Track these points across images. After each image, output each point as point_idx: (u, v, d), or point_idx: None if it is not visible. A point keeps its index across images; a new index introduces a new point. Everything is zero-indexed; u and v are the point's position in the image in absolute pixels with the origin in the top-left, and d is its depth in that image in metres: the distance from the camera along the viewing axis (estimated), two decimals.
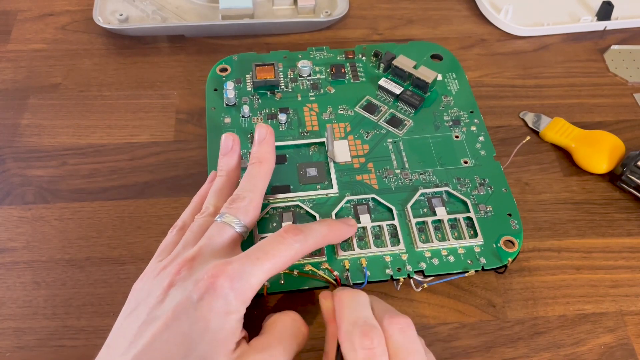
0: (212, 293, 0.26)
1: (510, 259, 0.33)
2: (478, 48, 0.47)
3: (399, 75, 0.42)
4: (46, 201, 0.37)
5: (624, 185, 0.38)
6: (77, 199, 0.37)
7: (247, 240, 0.33)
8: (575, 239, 0.36)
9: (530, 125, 0.42)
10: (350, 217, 0.35)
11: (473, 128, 0.40)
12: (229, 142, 0.34)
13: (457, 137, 0.39)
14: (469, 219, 0.35)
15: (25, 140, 0.40)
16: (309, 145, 0.39)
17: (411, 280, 0.33)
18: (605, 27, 0.49)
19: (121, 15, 0.47)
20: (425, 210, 0.35)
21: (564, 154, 0.41)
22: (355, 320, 0.26)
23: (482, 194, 0.36)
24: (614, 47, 0.48)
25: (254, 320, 0.30)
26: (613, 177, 0.39)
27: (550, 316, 0.33)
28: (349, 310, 0.27)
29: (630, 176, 0.37)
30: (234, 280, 0.26)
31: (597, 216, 0.38)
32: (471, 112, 0.41)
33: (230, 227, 0.30)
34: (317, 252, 0.33)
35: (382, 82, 0.41)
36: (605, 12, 0.48)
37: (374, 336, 0.26)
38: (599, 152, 0.39)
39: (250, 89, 0.41)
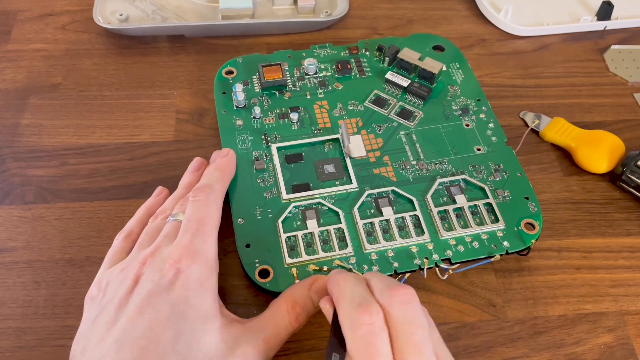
0: (181, 275, 0.28)
1: (533, 241, 0.34)
2: (478, 48, 0.47)
3: (404, 67, 0.42)
4: (46, 201, 0.37)
5: (624, 185, 0.38)
6: (77, 199, 0.37)
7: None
8: (575, 239, 0.36)
9: (531, 125, 0.42)
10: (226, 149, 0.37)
11: (482, 116, 0.40)
12: (198, 163, 0.37)
13: (467, 125, 0.40)
14: (489, 204, 0.35)
15: (25, 140, 0.40)
16: (323, 142, 0.39)
17: (437, 268, 0.33)
18: (605, 27, 0.49)
19: (121, 15, 0.47)
20: (445, 199, 0.36)
21: (564, 154, 0.41)
22: (352, 299, 0.26)
23: (498, 179, 0.37)
24: (614, 47, 0.48)
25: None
26: (613, 177, 0.39)
27: (550, 316, 0.33)
28: (346, 290, 0.26)
29: (630, 176, 0.37)
30: (194, 256, 0.28)
31: (597, 216, 0.38)
32: (478, 100, 0.41)
33: (181, 223, 0.31)
34: (345, 247, 0.33)
35: (389, 75, 0.42)
36: (605, 12, 0.48)
37: (372, 311, 0.25)
38: (599, 152, 0.39)
39: (258, 90, 0.41)
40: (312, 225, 0.34)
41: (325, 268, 0.33)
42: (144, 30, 0.46)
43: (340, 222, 0.35)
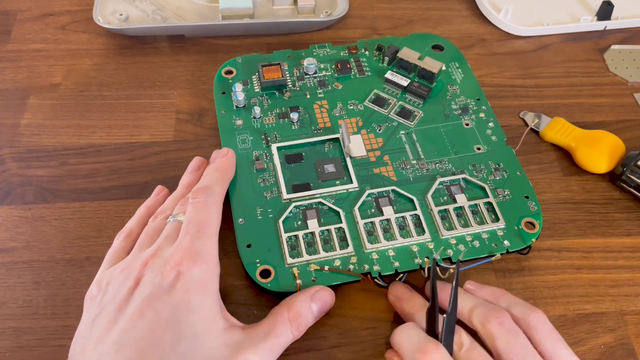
0: (182, 277, 0.28)
1: (533, 240, 0.34)
2: (478, 48, 0.47)
3: (404, 67, 0.42)
4: (46, 201, 0.37)
5: (624, 185, 0.38)
6: (77, 199, 0.37)
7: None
8: (575, 239, 0.36)
9: (530, 125, 0.42)
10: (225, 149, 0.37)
11: (482, 115, 0.40)
12: (198, 163, 0.37)
13: (467, 124, 0.40)
14: (489, 203, 0.35)
15: (25, 140, 0.40)
16: (323, 142, 0.39)
17: (438, 267, 0.33)
18: (605, 27, 0.49)
19: (121, 15, 0.47)
20: (445, 198, 0.36)
21: (564, 154, 0.41)
22: (411, 347, 0.28)
23: (498, 178, 0.37)
24: (614, 47, 0.48)
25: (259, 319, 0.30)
26: (613, 177, 0.39)
27: (550, 316, 0.33)
28: (403, 340, 0.29)
29: (630, 176, 0.37)
30: (195, 259, 0.28)
31: (597, 216, 0.38)
32: (478, 99, 0.41)
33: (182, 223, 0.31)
34: (345, 246, 0.33)
35: (389, 75, 0.42)
36: (605, 12, 0.48)
37: (431, 351, 0.27)
38: (599, 152, 0.39)
39: (258, 90, 0.41)
40: (313, 225, 0.34)
41: (326, 268, 0.33)
42: (144, 30, 0.46)
43: (341, 222, 0.35)
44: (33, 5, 0.49)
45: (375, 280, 0.33)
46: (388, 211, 0.35)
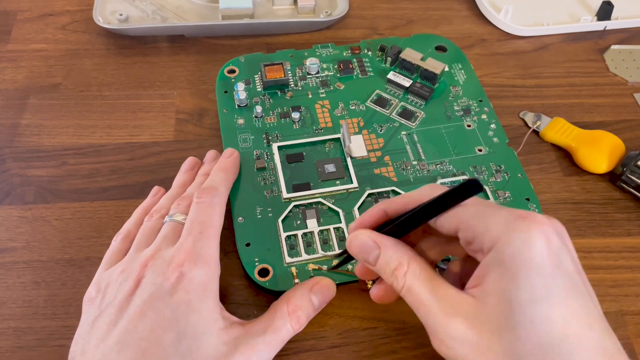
0: (183, 278, 0.28)
1: None
2: (478, 48, 0.47)
3: (406, 68, 0.42)
4: (46, 201, 0.37)
5: (624, 185, 0.38)
6: (77, 199, 0.37)
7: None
8: (575, 239, 0.36)
9: (530, 125, 0.42)
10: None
11: (484, 116, 0.40)
12: (192, 163, 0.37)
13: (469, 126, 0.40)
14: None
15: (25, 140, 0.40)
16: (324, 142, 0.39)
17: (436, 268, 0.33)
18: (605, 27, 0.49)
19: (121, 15, 0.47)
20: None
21: (564, 154, 0.41)
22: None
23: (499, 180, 0.37)
24: (614, 47, 0.48)
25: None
26: (613, 177, 0.39)
27: None
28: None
29: (630, 176, 0.37)
30: (196, 260, 0.28)
31: (597, 216, 0.38)
32: (480, 100, 0.41)
33: (180, 223, 0.31)
34: (344, 247, 0.33)
35: (391, 75, 0.42)
36: (605, 12, 0.48)
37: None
38: (599, 152, 0.39)
39: (260, 89, 0.41)
40: (312, 224, 0.34)
41: (324, 267, 0.33)
42: (144, 30, 0.46)
43: (341, 222, 0.35)
44: (33, 5, 0.49)
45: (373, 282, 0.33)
46: None
